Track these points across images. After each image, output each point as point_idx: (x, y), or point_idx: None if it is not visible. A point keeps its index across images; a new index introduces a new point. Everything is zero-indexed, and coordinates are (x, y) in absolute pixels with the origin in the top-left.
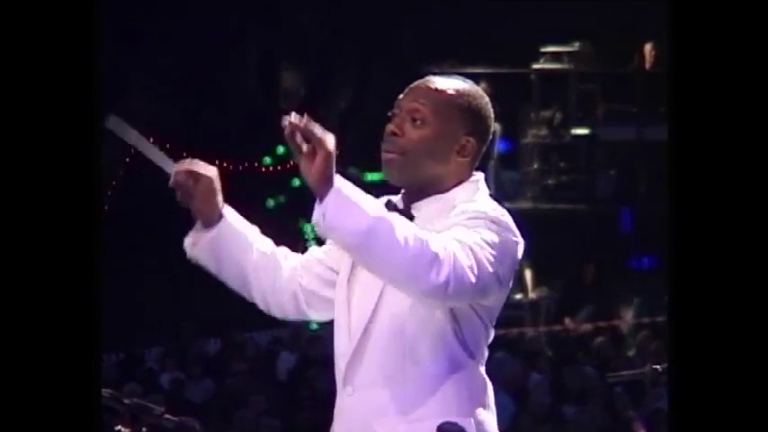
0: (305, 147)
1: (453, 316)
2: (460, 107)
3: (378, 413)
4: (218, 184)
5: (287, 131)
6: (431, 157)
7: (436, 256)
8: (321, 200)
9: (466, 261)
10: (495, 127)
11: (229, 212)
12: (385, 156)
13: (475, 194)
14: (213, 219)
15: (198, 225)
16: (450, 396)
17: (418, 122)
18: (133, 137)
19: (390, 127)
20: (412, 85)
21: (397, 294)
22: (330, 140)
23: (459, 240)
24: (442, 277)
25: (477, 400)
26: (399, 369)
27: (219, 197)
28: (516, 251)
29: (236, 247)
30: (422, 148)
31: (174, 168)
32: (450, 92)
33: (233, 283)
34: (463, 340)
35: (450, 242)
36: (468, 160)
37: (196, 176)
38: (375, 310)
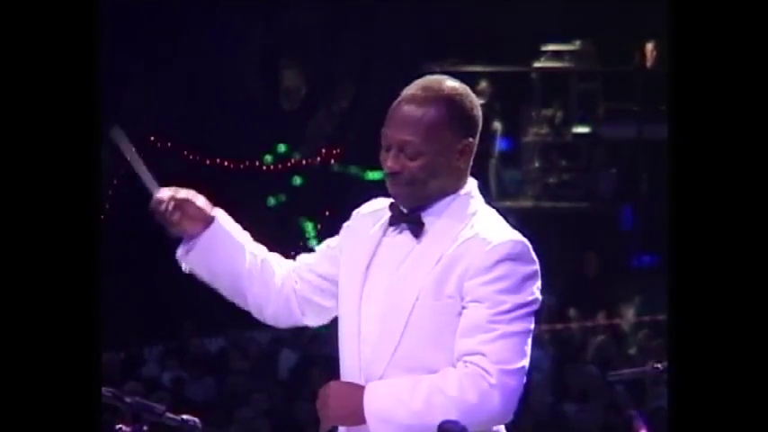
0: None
1: None
2: (446, 121)
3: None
4: (200, 201)
5: None
6: (436, 176)
7: (479, 403)
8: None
9: (509, 361)
10: (496, 126)
11: (221, 215)
12: (393, 190)
13: (479, 200)
14: (207, 221)
15: (186, 237)
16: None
17: (413, 154)
18: (129, 152)
19: (389, 164)
20: (393, 115)
21: (422, 326)
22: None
23: (489, 340)
24: (496, 409)
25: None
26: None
27: (205, 210)
28: (538, 278)
29: (229, 248)
30: (426, 174)
31: (156, 194)
32: (432, 112)
33: (226, 288)
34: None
35: (485, 355)
36: (468, 159)
37: (177, 202)
38: (399, 342)
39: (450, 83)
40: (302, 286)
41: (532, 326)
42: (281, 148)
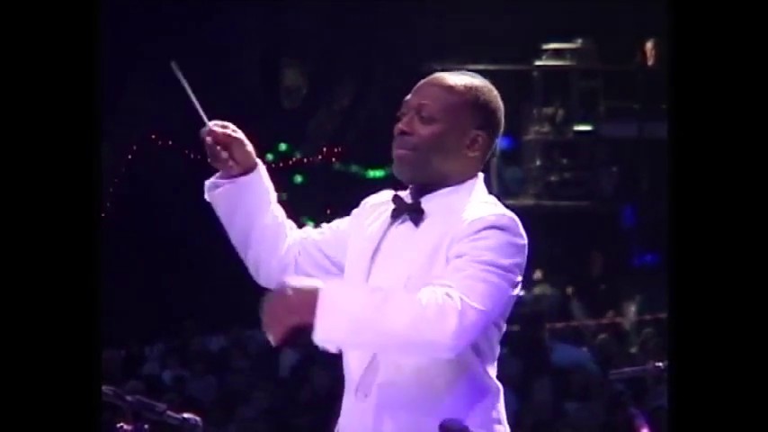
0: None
1: None
2: (469, 102)
3: (390, 423)
4: (248, 147)
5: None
6: (441, 152)
7: (437, 316)
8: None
9: (475, 300)
10: None
11: (261, 168)
12: (397, 153)
13: (482, 193)
14: (249, 168)
15: (223, 173)
16: (464, 408)
17: (427, 119)
18: (185, 84)
19: (400, 126)
20: (420, 83)
21: None
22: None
23: (463, 276)
24: (451, 334)
25: (489, 408)
26: (414, 379)
27: (251, 156)
28: (524, 253)
29: (256, 201)
30: (432, 144)
31: (209, 125)
32: (459, 87)
33: (235, 235)
34: (477, 349)
35: (454, 287)
36: (478, 155)
37: (228, 140)
38: None
39: (483, 80)
40: (305, 259)
41: (508, 292)
42: (283, 146)
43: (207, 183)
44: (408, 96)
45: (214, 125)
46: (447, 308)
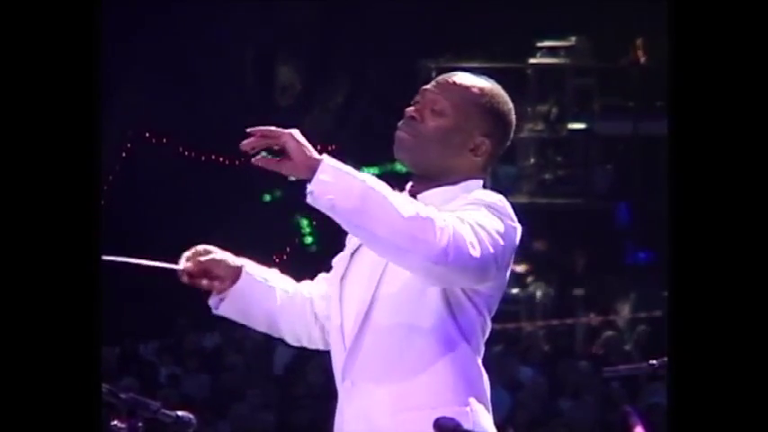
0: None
1: (449, 305)
2: (481, 106)
3: (376, 404)
4: (222, 256)
5: (253, 146)
6: (443, 147)
7: (434, 221)
8: (312, 175)
9: (466, 235)
10: None
11: (248, 264)
12: (398, 134)
13: (479, 190)
14: (236, 275)
15: (217, 291)
16: (447, 386)
17: (438, 112)
18: (129, 260)
19: (410, 110)
20: (439, 78)
21: (393, 288)
22: (290, 131)
23: (459, 217)
24: (443, 241)
25: (474, 390)
26: (396, 361)
27: (230, 265)
28: (514, 236)
29: (260, 294)
30: (435, 137)
31: (182, 265)
32: (474, 90)
33: (261, 327)
34: (459, 330)
35: (450, 216)
36: (481, 160)
37: (199, 268)
38: (370, 306)
39: (501, 90)
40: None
41: (496, 252)
42: None
43: (210, 302)
44: (427, 86)
45: (183, 264)
46: (441, 224)
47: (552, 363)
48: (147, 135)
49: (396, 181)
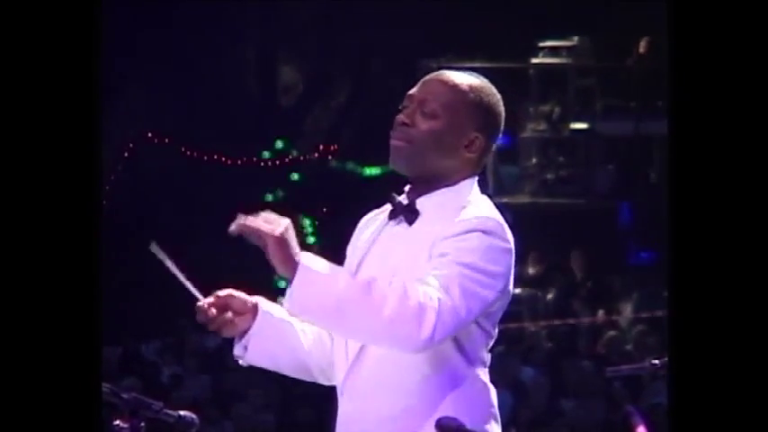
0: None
1: None
2: (471, 102)
3: (375, 423)
4: (239, 295)
5: (238, 233)
6: (438, 149)
7: (416, 312)
8: (290, 282)
9: (453, 301)
10: None
11: (262, 301)
12: (393, 143)
13: (475, 194)
14: (254, 311)
15: (239, 335)
16: (449, 406)
17: (429, 114)
18: (171, 265)
19: (401, 117)
20: (425, 78)
21: None
22: (273, 227)
23: (443, 276)
24: (426, 332)
25: (478, 408)
26: (396, 380)
27: (247, 301)
28: (509, 259)
29: (281, 330)
30: (430, 140)
31: (203, 303)
32: (462, 87)
33: (291, 369)
34: (462, 350)
35: (433, 286)
36: (475, 156)
37: (220, 302)
38: None
39: (488, 83)
40: None
41: (489, 296)
42: (279, 144)
43: (235, 353)
44: (412, 90)
45: (201, 303)
46: (426, 306)
47: (555, 363)
48: (150, 135)
49: (396, 181)
